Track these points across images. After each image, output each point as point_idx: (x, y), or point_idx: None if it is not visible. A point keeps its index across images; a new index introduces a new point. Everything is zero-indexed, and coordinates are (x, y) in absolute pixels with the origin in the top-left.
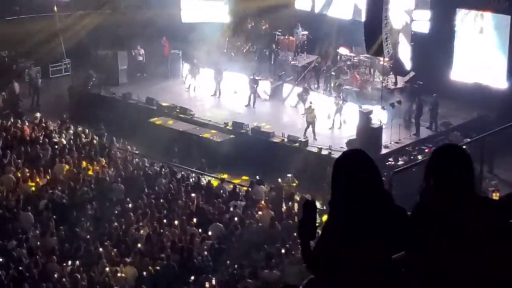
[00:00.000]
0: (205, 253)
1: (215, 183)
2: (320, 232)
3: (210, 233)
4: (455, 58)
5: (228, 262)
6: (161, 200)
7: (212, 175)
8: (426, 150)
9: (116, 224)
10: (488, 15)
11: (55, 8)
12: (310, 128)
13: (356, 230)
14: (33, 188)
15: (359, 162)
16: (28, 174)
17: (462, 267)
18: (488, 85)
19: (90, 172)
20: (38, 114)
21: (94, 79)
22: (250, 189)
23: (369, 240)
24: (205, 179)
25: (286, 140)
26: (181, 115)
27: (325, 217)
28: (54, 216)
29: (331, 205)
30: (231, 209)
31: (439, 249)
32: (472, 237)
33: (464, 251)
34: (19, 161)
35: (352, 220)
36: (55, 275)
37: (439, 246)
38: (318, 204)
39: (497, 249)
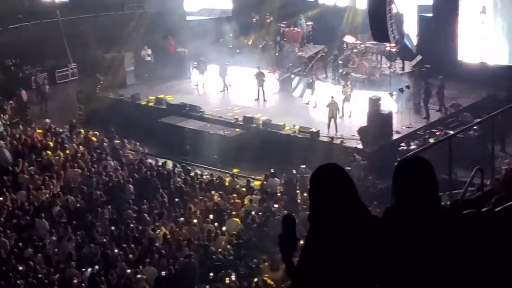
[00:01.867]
0: (224, 249)
1: (228, 179)
2: (302, 246)
3: (225, 228)
4: (460, 39)
5: (247, 256)
6: (176, 199)
7: (226, 170)
8: (437, 133)
9: (132, 225)
10: None
11: (58, 13)
12: (333, 122)
13: (335, 244)
14: (47, 195)
15: (334, 177)
16: (41, 181)
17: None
18: (495, 64)
19: (104, 177)
20: (47, 120)
21: (101, 82)
22: (264, 182)
23: (348, 253)
24: (218, 176)
25: (297, 131)
26: (191, 113)
27: None
28: (71, 222)
29: (310, 220)
30: (246, 203)
31: (404, 267)
32: (435, 253)
33: (427, 268)
34: (31, 168)
35: (331, 235)
36: (75, 281)
37: (403, 263)
38: None
39: (459, 263)
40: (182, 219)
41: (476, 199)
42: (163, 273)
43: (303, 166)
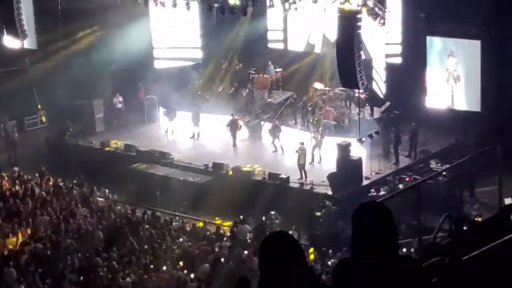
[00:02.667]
0: None
1: (199, 225)
2: None
3: (193, 275)
4: (428, 85)
5: None
6: (146, 246)
7: (196, 217)
8: (407, 179)
9: (102, 273)
10: (458, 41)
11: (27, 61)
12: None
13: None
14: (15, 243)
15: (282, 244)
16: (9, 229)
17: None
18: (463, 109)
19: (73, 225)
20: (16, 168)
21: (70, 129)
22: (234, 229)
23: None
24: (188, 222)
25: (267, 178)
26: (160, 160)
27: (311, 250)
28: (39, 270)
29: (260, 286)
30: (217, 249)
31: None
32: None
33: None
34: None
35: None
36: None
37: None
38: (302, 240)
39: None
40: (151, 266)
41: (446, 246)
42: None
43: (273, 212)
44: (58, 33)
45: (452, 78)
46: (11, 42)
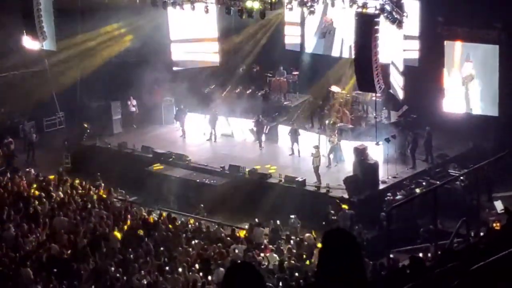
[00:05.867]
0: None
1: (214, 227)
2: None
3: (211, 278)
4: (446, 90)
5: None
6: (161, 248)
7: (211, 219)
8: (423, 183)
9: (118, 275)
10: (476, 46)
11: (46, 61)
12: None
13: None
14: (33, 244)
15: (245, 277)
16: (27, 230)
17: None
18: (480, 114)
19: (90, 226)
20: (33, 169)
21: (88, 130)
22: (249, 232)
23: None
24: (204, 224)
25: (283, 180)
26: (177, 162)
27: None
28: (55, 270)
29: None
30: (232, 252)
31: None
32: None
33: None
34: (18, 217)
35: None
36: None
37: None
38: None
39: None
40: (167, 268)
41: (461, 251)
42: None
43: (293, 216)
44: (77, 34)
45: (468, 83)
46: (30, 43)
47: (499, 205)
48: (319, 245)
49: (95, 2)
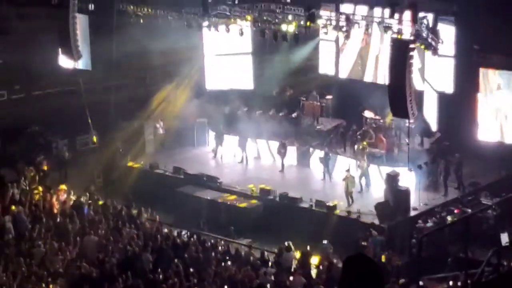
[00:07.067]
0: None
1: (244, 250)
2: None
3: None
4: (479, 118)
5: None
6: (191, 269)
7: (241, 242)
8: (456, 211)
9: None
10: (508, 74)
11: (81, 81)
12: (349, 195)
13: None
14: (62, 262)
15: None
16: (56, 248)
17: None
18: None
19: (120, 246)
20: (65, 187)
21: (121, 150)
22: (279, 255)
23: None
24: (233, 247)
25: (314, 205)
26: (208, 183)
27: None
28: None
29: None
30: (261, 275)
31: None
32: None
33: None
34: (48, 234)
35: None
36: None
37: None
38: None
39: None
40: None
41: (492, 281)
42: None
43: (325, 242)
44: (112, 54)
45: (500, 111)
46: (66, 62)
47: (504, 238)
48: None
49: (130, 21)
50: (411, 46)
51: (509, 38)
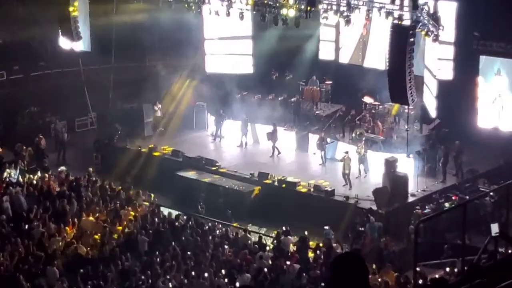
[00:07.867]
0: None
1: (241, 234)
2: None
3: (237, 284)
4: (479, 105)
5: None
6: (188, 253)
7: (239, 226)
8: (453, 198)
9: (143, 277)
10: (507, 61)
11: (80, 62)
12: (347, 177)
13: None
14: (60, 243)
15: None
16: (54, 229)
17: None
18: (508, 130)
19: (118, 227)
20: (64, 168)
21: (119, 132)
22: (277, 239)
23: None
24: (231, 230)
25: (312, 189)
26: (207, 167)
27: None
28: (81, 271)
29: None
30: (258, 260)
31: None
32: None
33: None
34: (46, 215)
35: None
36: None
37: None
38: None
39: None
40: (193, 273)
41: (489, 267)
42: None
43: (327, 227)
44: (112, 36)
45: (498, 98)
46: (66, 43)
47: (494, 228)
48: None
49: (130, 5)
50: (411, 32)
51: (509, 25)
